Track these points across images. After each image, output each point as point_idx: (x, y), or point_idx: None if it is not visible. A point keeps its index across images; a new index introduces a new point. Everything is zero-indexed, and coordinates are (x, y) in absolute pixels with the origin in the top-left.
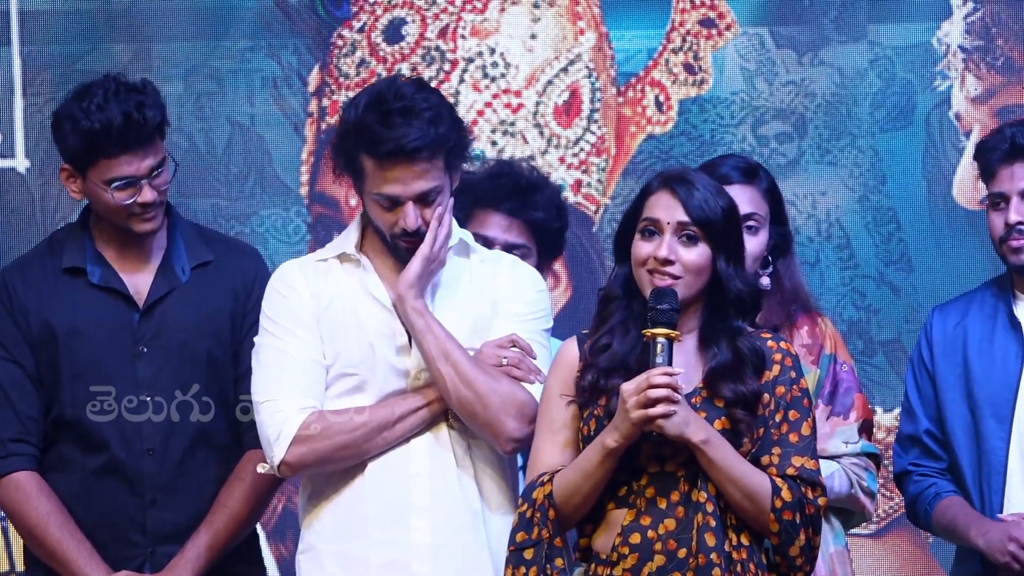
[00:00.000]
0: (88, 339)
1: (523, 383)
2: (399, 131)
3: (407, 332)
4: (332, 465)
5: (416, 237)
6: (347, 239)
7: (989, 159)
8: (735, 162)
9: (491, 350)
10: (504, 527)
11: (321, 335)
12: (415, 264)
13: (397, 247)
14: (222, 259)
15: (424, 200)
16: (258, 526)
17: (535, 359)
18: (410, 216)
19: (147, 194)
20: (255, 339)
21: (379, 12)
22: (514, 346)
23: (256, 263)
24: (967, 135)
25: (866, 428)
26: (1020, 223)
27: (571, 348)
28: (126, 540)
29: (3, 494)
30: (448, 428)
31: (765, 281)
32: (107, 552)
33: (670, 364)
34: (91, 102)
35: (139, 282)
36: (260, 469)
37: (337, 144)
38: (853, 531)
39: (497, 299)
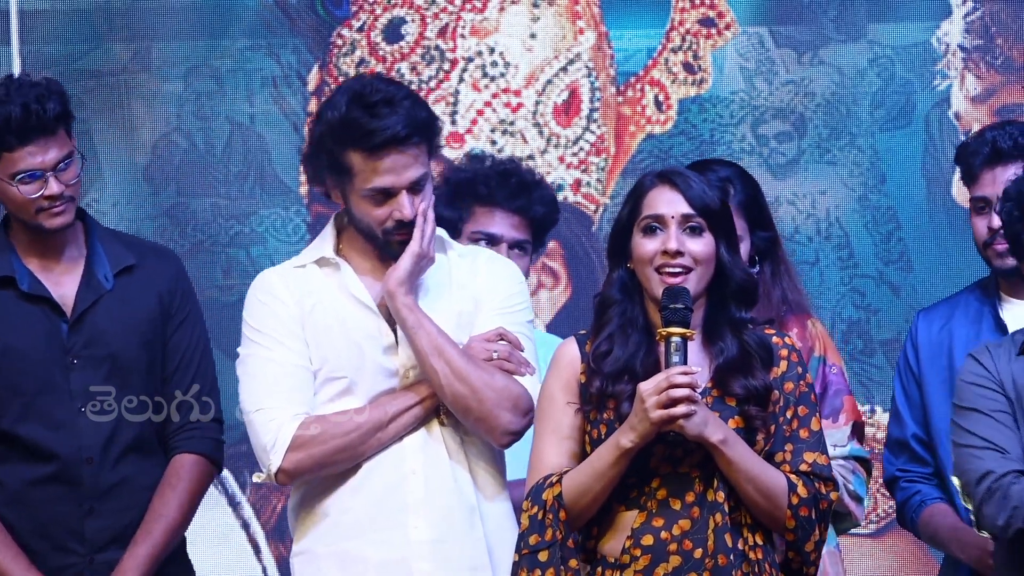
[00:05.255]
0: (21, 352)
1: (515, 375)
2: (388, 120)
3: (393, 331)
4: (329, 469)
5: (411, 228)
6: (323, 244)
7: (971, 163)
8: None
9: (479, 344)
10: (500, 517)
11: (306, 340)
12: (405, 261)
13: (389, 243)
14: (144, 263)
15: (416, 188)
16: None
17: (523, 351)
18: (406, 205)
19: (53, 186)
20: (239, 350)
21: (378, 11)
22: (501, 339)
23: (175, 265)
24: (967, 134)
25: (856, 431)
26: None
27: (570, 348)
28: (64, 549)
29: None
30: (440, 424)
31: None
32: (46, 562)
33: (686, 363)
34: None
35: (64, 292)
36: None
37: (315, 148)
38: (852, 531)
39: (479, 294)
